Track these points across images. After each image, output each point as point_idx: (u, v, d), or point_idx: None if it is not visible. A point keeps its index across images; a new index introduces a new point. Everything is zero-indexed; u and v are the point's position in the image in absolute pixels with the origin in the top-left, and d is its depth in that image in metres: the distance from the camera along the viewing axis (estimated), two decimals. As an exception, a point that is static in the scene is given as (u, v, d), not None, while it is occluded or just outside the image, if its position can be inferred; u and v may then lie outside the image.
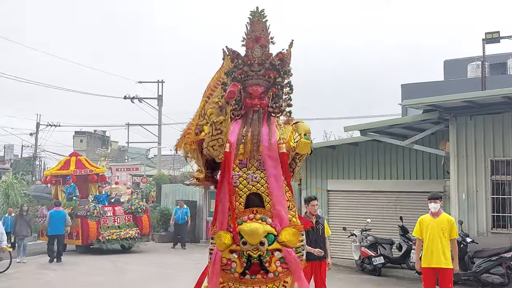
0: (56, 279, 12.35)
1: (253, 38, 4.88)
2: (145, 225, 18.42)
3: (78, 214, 17.13)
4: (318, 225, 7.77)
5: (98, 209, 17.27)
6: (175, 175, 32.29)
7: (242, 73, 4.87)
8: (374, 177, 15.09)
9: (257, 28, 4.90)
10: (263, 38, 4.90)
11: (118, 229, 17.62)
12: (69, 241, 17.53)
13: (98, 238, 16.93)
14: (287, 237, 4.47)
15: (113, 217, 17.90)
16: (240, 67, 4.88)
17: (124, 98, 35.74)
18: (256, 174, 4.59)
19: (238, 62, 4.88)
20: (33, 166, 50.28)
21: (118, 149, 65.45)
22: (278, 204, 4.51)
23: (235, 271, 4.51)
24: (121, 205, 18.63)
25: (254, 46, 4.88)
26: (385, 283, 11.78)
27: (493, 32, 21.54)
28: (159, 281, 11.98)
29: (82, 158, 21.10)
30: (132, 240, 17.67)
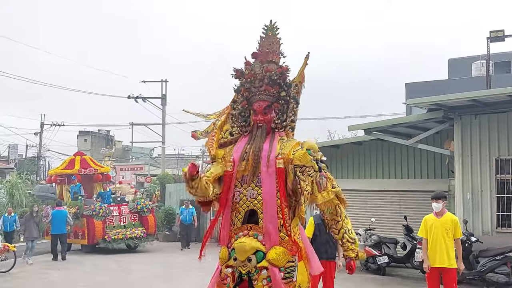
0: (60, 279, 12.38)
1: (261, 53, 4.86)
2: (151, 224, 18.42)
3: (84, 213, 17.14)
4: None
5: (104, 208, 17.25)
6: (179, 175, 32.33)
7: (246, 90, 4.87)
8: (378, 176, 15.06)
9: (265, 43, 4.87)
10: (266, 53, 4.85)
11: (124, 228, 17.62)
12: (74, 240, 17.62)
13: (104, 237, 16.93)
14: (274, 255, 4.41)
15: (119, 217, 17.90)
16: (243, 85, 4.88)
17: (128, 97, 35.80)
18: (254, 191, 4.58)
19: (243, 80, 4.88)
20: (37, 166, 50.40)
21: (122, 148, 65.57)
22: (269, 222, 4.47)
23: (229, 286, 4.59)
24: (126, 205, 18.63)
25: (253, 62, 4.87)
26: (390, 282, 11.75)
27: (498, 31, 21.44)
28: (164, 281, 11.98)
29: (87, 158, 21.11)
30: (138, 239, 17.67)
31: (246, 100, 4.86)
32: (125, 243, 17.58)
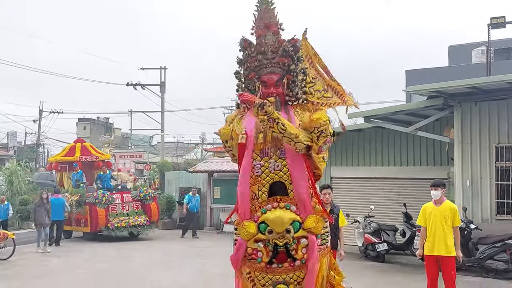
0: (60, 266, 12.40)
1: (262, 25, 4.82)
2: (153, 212, 18.27)
3: (86, 201, 17.05)
4: (332, 214, 7.54)
5: (107, 196, 17.16)
6: (178, 162, 32.32)
7: (255, 61, 4.80)
8: (378, 164, 15.03)
9: (266, 16, 4.84)
10: (274, 25, 4.84)
11: (126, 216, 17.52)
12: (76, 228, 17.63)
13: (107, 225, 16.84)
14: (312, 223, 4.51)
15: (122, 204, 17.78)
16: (253, 56, 4.81)
17: (126, 85, 35.68)
18: (278, 163, 4.60)
19: (251, 51, 4.82)
20: (36, 153, 50.38)
21: (121, 136, 65.54)
22: (301, 191, 4.53)
23: (262, 261, 4.52)
24: (129, 192, 18.50)
25: (266, 33, 4.81)
26: (389, 269, 11.78)
27: (499, 17, 21.32)
28: (164, 268, 12.00)
29: (87, 145, 20.97)
30: (141, 227, 17.59)
31: (254, 72, 4.82)
32: (128, 231, 17.41)
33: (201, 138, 56.43)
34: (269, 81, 4.78)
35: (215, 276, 11.01)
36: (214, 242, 16.79)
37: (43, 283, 10.43)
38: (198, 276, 11.05)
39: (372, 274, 11.21)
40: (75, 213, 17.21)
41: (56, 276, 11.18)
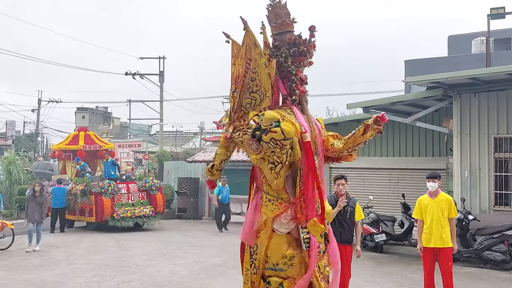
0: (59, 257, 12.40)
1: (280, 23, 4.90)
2: (159, 203, 18.09)
3: (92, 190, 16.85)
4: (347, 207, 7.29)
5: (113, 186, 17.00)
6: (177, 152, 32.30)
7: (287, 55, 4.86)
8: (377, 154, 15.04)
9: (281, 13, 4.90)
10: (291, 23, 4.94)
11: (132, 206, 17.37)
12: (80, 217, 17.55)
13: (113, 215, 16.72)
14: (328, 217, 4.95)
15: (127, 195, 17.63)
16: (284, 50, 4.85)
17: (125, 74, 35.59)
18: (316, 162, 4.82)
19: (289, 47, 4.85)
20: (35, 143, 50.33)
21: (120, 125, 65.47)
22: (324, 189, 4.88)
23: (321, 252, 4.82)
24: (135, 182, 18.32)
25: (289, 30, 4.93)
26: (387, 260, 11.81)
27: (499, 8, 21.21)
28: (163, 258, 12.02)
29: (91, 134, 20.97)
30: (146, 218, 17.42)
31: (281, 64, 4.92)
32: (134, 221, 17.19)
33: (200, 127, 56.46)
34: (304, 79, 4.98)
35: (214, 266, 11.03)
36: (212, 232, 16.81)
37: (42, 273, 10.44)
38: (196, 266, 11.07)
39: (371, 264, 11.23)
40: (79, 202, 17.06)
41: (55, 266, 11.19)
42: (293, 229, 4.76)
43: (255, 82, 4.88)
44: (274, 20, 4.92)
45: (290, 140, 4.58)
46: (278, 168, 4.62)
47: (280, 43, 4.86)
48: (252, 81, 4.89)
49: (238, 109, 4.95)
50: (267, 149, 4.62)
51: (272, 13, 4.92)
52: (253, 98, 4.90)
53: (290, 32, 4.89)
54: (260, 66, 4.87)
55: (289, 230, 4.76)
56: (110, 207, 16.72)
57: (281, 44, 4.85)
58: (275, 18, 4.91)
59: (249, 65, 4.91)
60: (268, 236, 4.77)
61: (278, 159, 4.61)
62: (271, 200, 4.79)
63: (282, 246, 4.75)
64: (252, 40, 4.90)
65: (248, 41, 4.91)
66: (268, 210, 4.77)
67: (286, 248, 4.75)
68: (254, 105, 4.90)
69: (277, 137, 4.57)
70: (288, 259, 4.73)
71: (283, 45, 4.85)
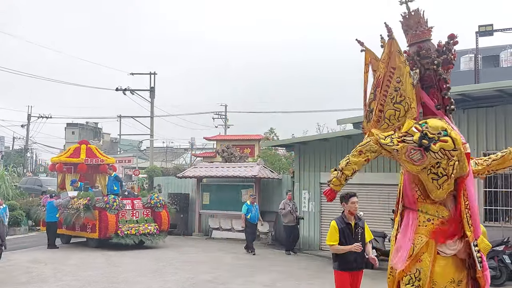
0: (46, 273, 12.25)
1: (422, 31, 4.77)
2: (164, 220, 17.46)
3: (96, 205, 16.20)
4: (358, 228, 6.68)
5: (118, 201, 16.39)
6: (168, 168, 32.19)
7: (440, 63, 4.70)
8: (367, 170, 15.05)
9: (421, 21, 4.78)
10: (430, 30, 4.84)
11: (136, 223, 16.72)
12: (81, 233, 17.03)
13: (117, 232, 16.07)
14: None
15: (132, 211, 17.02)
16: (435, 58, 4.69)
17: (116, 90, 35.53)
18: None
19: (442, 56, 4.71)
20: (24, 158, 49.99)
21: (110, 141, 65.25)
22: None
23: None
24: (140, 199, 17.68)
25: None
26: (378, 276, 11.75)
27: (487, 25, 21.55)
28: (152, 275, 11.92)
29: (93, 147, 20.62)
30: (151, 236, 16.76)
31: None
32: (138, 239, 16.46)
33: (190, 143, 56.41)
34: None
35: (204, 283, 10.96)
36: (202, 248, 16.70)
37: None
38: (187, 282, 10.98)
39: (364, 280, 11.17)
40: (82, 217, 16.29)
41: (43, 283, 11.05)
42: (459, 249, 4.40)
43: (399, 92, 4.61)
44: (415, 28, 4.74)
45: (458, 151, 4.28)
46: (442, 180, 4.27)
47: (426, 52, 4.64)
48: (396, 91, 4.62)
49: (378, 120, 4.70)
50: (431, 159, 4.23)
51: (412, 21, 4.75)
52: (397, 109, 4.61)
53: (429, 41, 4.72)
54: (405, 75, 4.59)
55: (457, 251, 4.41)
56: (115, 223, 16.06)
57: (427, 52, 4.64)
58: (416, 26, 4.73)
59: (393, 74, 4.64)
60: (432, 259, 4.37)
61: (444, 171, 4.26)
62: (430, 219, 4.42)
63: (450, 269, 4.40)
64: (397, 48, 4.66)
65: (393, 49, 4.67)
66: (428, 230, 4.41)
67: (454, 271, 4.40)
68: (398, 117, 4.60)
69: (446, 147, 4.23)
70: (456, 284, 4.40)
71: (431, 53, 4.64)
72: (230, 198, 19.14)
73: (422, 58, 4.64)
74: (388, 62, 4.65)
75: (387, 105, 4.63)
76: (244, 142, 30.34)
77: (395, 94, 4.59)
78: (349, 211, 6.62)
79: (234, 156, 20.60)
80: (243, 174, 18.46)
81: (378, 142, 4.30)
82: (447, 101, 4.69)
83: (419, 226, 4.42)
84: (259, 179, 18.57)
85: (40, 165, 59.25)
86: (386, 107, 4.64)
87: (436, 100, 4.68)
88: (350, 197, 6.62)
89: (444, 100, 4.68)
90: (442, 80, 4.66)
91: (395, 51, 4.65)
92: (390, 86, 4.62)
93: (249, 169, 18.67)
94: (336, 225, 6.59)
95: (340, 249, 6.43)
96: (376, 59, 4.87)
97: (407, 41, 4.86)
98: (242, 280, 11.33)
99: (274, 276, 11.93)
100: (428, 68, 4.69)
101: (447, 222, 4.39)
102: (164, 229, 17.50)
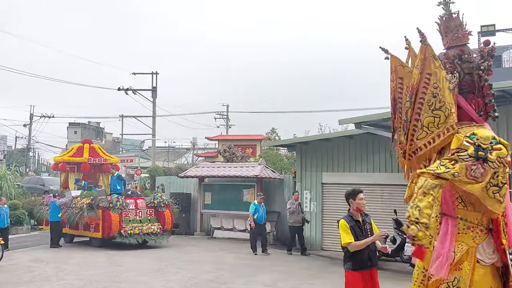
0: (48, 272, 12.28)
1: (462, 35, 4.70)
2: (167, 220, 17.45)
3: (99, 205, 16.24)
4: (366, 225, 6.42)
5: (121, 201, 16.42)
6: (170, 167, 32.25)
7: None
8: (369, 170, 15.07)
9: (460, 23, 4.73)
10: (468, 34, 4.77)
11: (139, 223, 16.71)
12: (84, 232, 17.07)
13: (120, 231, 16.06)
14: None
15: (135, 211, 16.98)
16: (481, 63, 4.62)
17: (118, 89, 35.61)
18: None
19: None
20: (26, 158, 50.08)
21: (112, 140, 65.36)
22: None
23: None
24: (143, 198, 17.69)
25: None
26: (380, 276, 11.73)
27: (489, 25, 21.55)
28: (154, 275, 11.94)
29: (96, 146, 20.65)
30: (154, 235, 16.75)
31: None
32: (141, 238, 16.43)
33: (192, 143, 56.46)
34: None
35: (206, 282, 10.97)
36: (204, 248, 16.72)
37: (32, 289, 10.34)
38: (189, 282, 11.00)
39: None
40: (85, 216, 16.33)
41: (45, 282, 11.08)
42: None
43: (438, 98, 4.46)
44: (455, 30, 4.68)
45: (509, 158, 4.20)
46: (503, 191, 4.13)
47: (468, 56, 4.58)
48: (434, 97, 4.48)
49: (414, 129, 4.57)
50: (490, 170, 4.10)
51: (452, 23, 4.69)
52: (436, 116, 4.45)
53: (467, 45, 4.67)
54: (442, 80, 4.48)
55: (495, 259, 4.33)
56: (118, 222, 16.07)
57: (469, 56, 4.58)
58: (457, 28, 4.67)
59: (429, 80, 4.52)
60: (471, 267, 4.28)
61: (503, 179, 4.12)
62: (471, 227, 4.32)
63: (488, 277, 4.30)
64: (431, 53, 4.57)
65: (427, 55, 4.58)
66: (469, 238, 4.30)
67: (491, 280, 4.32)
68: (438, 124, 4.44)
69: (501, 154, 4.14)
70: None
71: (473, 58, 4.57)
72: (231, 198, 19.16)
73: (463, 62, 4.58)
74: (422, 68, 4.56)
75: (424, 113, 4.51)
76: (246, 142, 30.42)
77: (434, 101, 4.47)
78: (356, 207, 6.44)
79: (236, 156, 20.62)
80: (245, 174, 18.48)
81: (433, 175, 4.10)
82: (490, 108, 4.61)
83: (458, 233, 4.32)
84: (261, 179, 18.59)
85: (42, 165, 59.41)
86: (423, 115, 4.52)
87: (475, 106, 4.59)
88: (357, 194, 6.44)
89: (487, 107, 4.61)
90: (487, 86, 4.61)
91: (429, 57, 4.57)
92: (427, 92, 4.51)
93: (250, 169, 18.69)
94: (347, 223, 6.34)
95: (362, 243, 6.07)
96: (402, 65, 4.80)
97: (445, 44, 4.79)
98: (244, 280, 11.35)
99: (275, 276, 11.94)
100: (468, 73, 4.61)
101: (486, 230, 4.34)
102: (168, 229, 17.48)
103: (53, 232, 16.92)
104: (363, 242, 6.11)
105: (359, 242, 6.09)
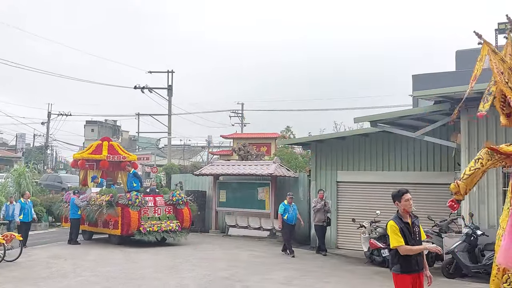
0: (66, 269, 12.43)
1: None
2: (186, 218, 17.43)
3: (119, 202, 16.28)
4: (415, 227, 6.06)
5: (140, 198, 16.41)
6: (185, 165, 32.41)
7: None
8: (384, 169, 15.02)
9: None
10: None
11: (158, 220, 16.76)
12: (103, 229, 17.14)
13: (139, 229, 16.09)
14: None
15: (154, 208, 17.02)
16: None
17: (134, 88, 35.84)
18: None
19: None
20: (44, 155, 50.65)
21: (128, 138, 65.82)
22: None
23: None
24: (162, 196, 17.70)
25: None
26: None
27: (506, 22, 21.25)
28: (169, 272, 12.02)
29: (115, 144, 20.68)
30: (173, 233, 16.78)
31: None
32: (160, 236, 16.51)
33: (207, 141, 56.64)
34: None
35: (221, 279, 11.03)
36: (219, 246, 16.78)
37: (50, 285, 10.47)
38: (204, 279, 11.06)
39: (379, 279, 11.19)
40: (105, 213, 16.44)
41: (63, 278, 11.22)
42: None
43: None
44: None
45: None
46: None
47: None
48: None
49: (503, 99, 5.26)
50: None
51: None
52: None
53: None
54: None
55: None
56: (137, 220, 16.07)
57: None
58: None
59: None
60: None
61: None
62: None
63: None
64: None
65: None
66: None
67: None
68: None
69: None
70: None
71: None
72: (246, 196, 19.21)
73: None
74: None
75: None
76: (260, 140, 30.41)
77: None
78: (403, 209, 6.06)
79: (251, 154, 20.66)
80: (260, 172, 18.50)
81: (490, 147, 4.73)
82: None
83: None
84: (275, 177, 18.60)
85: (60, 162, 60.03)
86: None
87: None
88: (403, 194, 6.06)
89: None
90: None
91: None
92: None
93: (265, 167, 18.70)
94: (396, 224, 5.98)
95: (416, 248, 5.84)
96: (494, 51, 5.50)
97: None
98: (258, 278, 11.39)
99: (290, 273, 11.96)
100: None
101: None
102: (186, 227, 17.48)
103: (73, 229, 17.11)
104: (417, 248, 5.87)
105: (413, 247, 5.84)
